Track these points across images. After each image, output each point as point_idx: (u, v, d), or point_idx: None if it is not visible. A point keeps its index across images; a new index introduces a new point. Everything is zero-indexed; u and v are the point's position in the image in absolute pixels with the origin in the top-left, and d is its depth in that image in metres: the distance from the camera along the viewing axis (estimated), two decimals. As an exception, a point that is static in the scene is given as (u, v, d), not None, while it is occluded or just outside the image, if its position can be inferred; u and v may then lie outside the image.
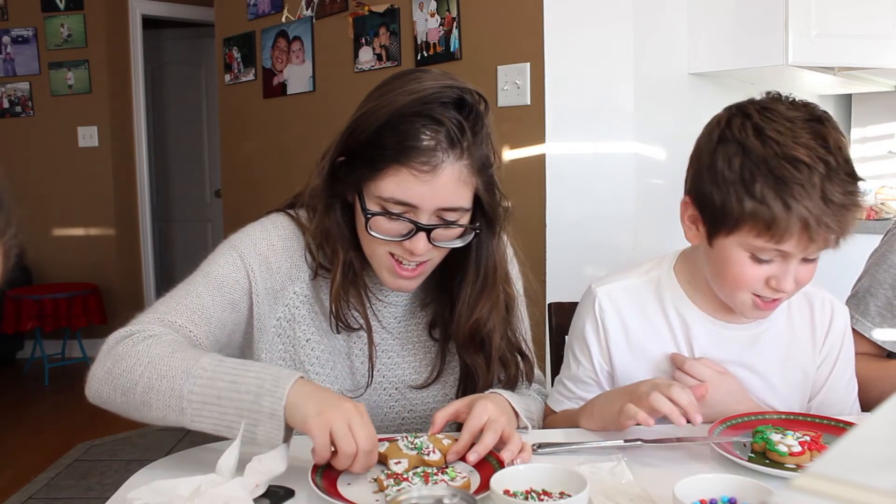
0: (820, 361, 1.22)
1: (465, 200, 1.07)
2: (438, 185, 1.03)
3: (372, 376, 1.18)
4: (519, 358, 1.22)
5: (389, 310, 1.21)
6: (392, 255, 1.09)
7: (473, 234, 1.11)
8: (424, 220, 1.05)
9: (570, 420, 1.19)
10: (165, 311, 1.07)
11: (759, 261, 1.05)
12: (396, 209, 1.05)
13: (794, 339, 1.21)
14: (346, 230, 1.13)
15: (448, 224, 1.07)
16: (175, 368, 0.96)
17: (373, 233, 1.07)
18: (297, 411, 0.92)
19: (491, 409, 1.01)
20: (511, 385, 1.22)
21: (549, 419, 1.26)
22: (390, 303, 1.20)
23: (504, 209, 1.14)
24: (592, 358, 1.22)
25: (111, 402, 1.00)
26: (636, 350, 1.21)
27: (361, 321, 1.15)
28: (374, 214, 1.06)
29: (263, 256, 1.13)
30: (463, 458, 0.98)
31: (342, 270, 1.12)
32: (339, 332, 1.15)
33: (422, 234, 1.05)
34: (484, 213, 1.12)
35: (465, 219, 1.09)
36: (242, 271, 1.12)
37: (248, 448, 0.92)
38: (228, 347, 1.14)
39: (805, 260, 1.06)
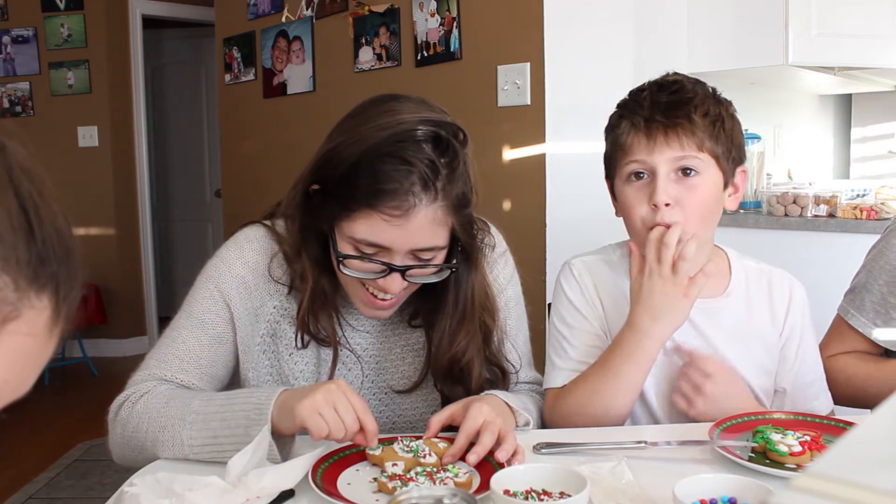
0: (785, 339, 1.25)
1: (441, 239, 1.05)
2: (411, 229, 1.01)
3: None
4: (500, 374, 1.20)
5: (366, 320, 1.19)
6: (366, 287, 1.08)
7: (450, 271, 1.10)
8: (398, 260, 1.04)
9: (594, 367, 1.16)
10: (155, 366, 1.13)
11: (634, 177, 1.18)
12: (369, 250, 1.04)
13: (752, 314, 1.24)
14: (322, 256, 1.11)
15: (423, 263, 1.06)
16: (172, 418, 1.03)
17: (346, 271, 1.06)
18: (285, 419, 0.96)
19: (486, 411, 1.01)
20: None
21: (561, 393, 1.19)
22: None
23: (481, 241, 1.15)
24: (587, 317, 1.23)
25: (135, 462, 1.06)
26: (609, 321, 1.23)
27: (328, 338, 1.14)
28: (346, 257, 1.05)
29: (240, 278, 1.14)
30: (462, 459, 0.98)
31: (310, 296, 1.11)
32: (305, 348, 1.15)
33: (396, 274, 1.04)
34: (462, 248, 1.10)
35: (440, 256, 1.07)
36: (221, 303, 1.14)
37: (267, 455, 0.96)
38: (229, 376, 1.18)
39: (683, 172, 1.14)
